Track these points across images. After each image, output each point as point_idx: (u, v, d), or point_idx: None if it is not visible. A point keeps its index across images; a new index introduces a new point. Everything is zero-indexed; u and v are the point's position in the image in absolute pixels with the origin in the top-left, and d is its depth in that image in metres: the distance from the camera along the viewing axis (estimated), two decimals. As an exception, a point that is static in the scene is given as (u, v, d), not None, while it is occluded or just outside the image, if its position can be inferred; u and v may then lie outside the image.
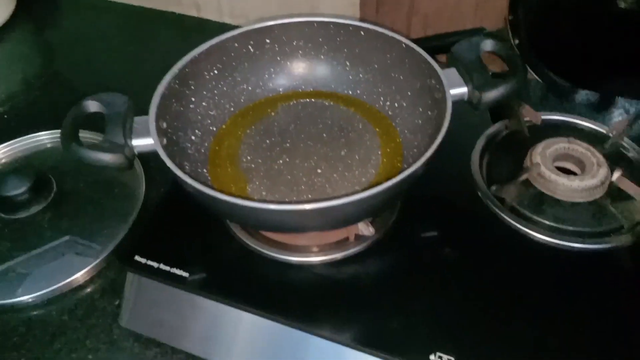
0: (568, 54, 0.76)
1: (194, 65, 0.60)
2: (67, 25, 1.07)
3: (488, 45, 0.58)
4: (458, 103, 0.55)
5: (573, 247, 0.57)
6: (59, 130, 0.75)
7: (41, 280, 0.63)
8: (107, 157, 0.50)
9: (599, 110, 0.71)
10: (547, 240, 0.58)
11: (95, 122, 0.55)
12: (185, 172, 0.49)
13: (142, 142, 0.52)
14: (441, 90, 0.55)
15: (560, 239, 0.57)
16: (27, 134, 0.78)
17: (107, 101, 0.54)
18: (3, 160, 0.76)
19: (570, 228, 0.59)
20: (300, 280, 0.57)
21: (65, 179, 0.72)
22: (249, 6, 0.96)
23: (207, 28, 1.01)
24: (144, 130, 0.53)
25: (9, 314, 0.62)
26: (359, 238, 0.57)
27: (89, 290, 0.64)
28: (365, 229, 0.55)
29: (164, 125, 0.55)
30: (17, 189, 0.67)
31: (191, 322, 0.57)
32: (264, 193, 0.58)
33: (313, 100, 0.67)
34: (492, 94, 0.54)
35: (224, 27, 0.99)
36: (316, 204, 0.45)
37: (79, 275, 0.63)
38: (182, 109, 0.60)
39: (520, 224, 0.59)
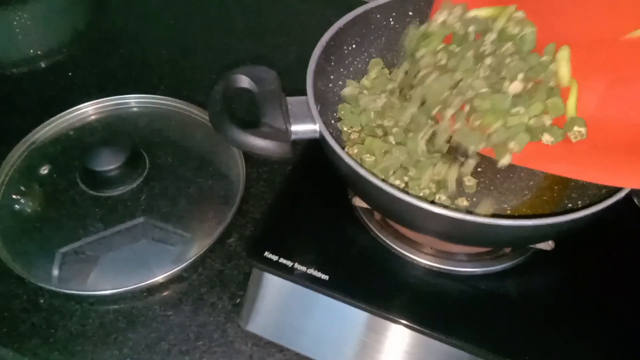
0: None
1: (337, 38, 0.53)
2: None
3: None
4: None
5: None
6: (144, 95, 0.69)
7: (130, 269, 0.56)
8: (272, 146, 0.42)
9: None
10: None
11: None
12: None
13: (303, 128, 0.45)
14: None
15: None
16: (100, 95, 0.69)
17: (256, 76, 0.46)
18: (90, 119, 0.67)
19: None
20: (445, 289, 0.51)
21: (156, 153, 0.64)
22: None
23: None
24: (302, 114, 0.45)
25: (104, 305, 0.55)
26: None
27: (193, 282, 0.57)
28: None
29: (319, 107, 0.48)
30: (112, 164, 0.58)
31: (323, 327, 0.52)
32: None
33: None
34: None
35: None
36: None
37: (182, 266, 0.56)
38: (323, 88, 0.53)
39: None
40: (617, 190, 0.42)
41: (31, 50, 0.81)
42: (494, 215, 0.44)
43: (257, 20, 0.83)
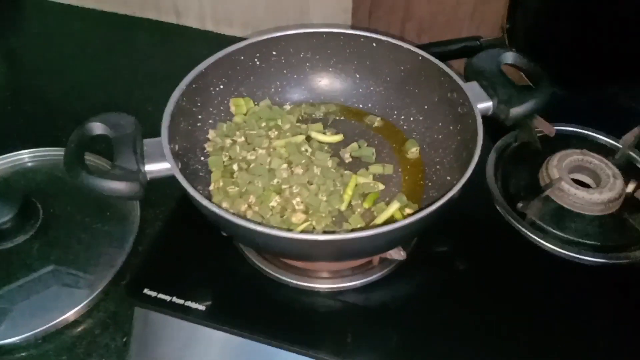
0: (567, 61, 0.76)
1: (200, 80, 0.56)
2: (32, 30, 0.99)
3: (509, 57, 0.57)
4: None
5: (595, 262, 0.56)
6: (40, 149, 0.71)
7: (29, 317, 0.57)
8: (121, 186, 0.45)
9: (606, 120, 0.71)
10: (568, 255, 0.57)
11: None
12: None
13: (157, 167, 0.48)
14: (466, 105, 0.54)
15: (580, 253, 0.57)
16: (3, 152, 0.71)
17: (112, 122, 0.49)
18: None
19: (591, 242, 0.58)
20: (319, 307, 0.54)
21: (52, 202, 0.66)
22: (233, 10, 0.91)
23: (188, 34, 0.95)
24: (157, 154, 0.48)
25: (3, 356, 0.56)
26: (382, 262, 0.55)
27: (87, 325, 0.58)
28: (396, 253, 0.52)
29: (176, 147, 0.51)
30: (2, 217, 0.60)
31: (207, 357, 0.54)
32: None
33: (322, 114, 0.64)
34: (520, 109, 0.53)
35: (206, 35, 0.95)
36: (352, 234, 0.43)
37: (75, 310, 0.57)
38: (190, 127, 0.56)
39: (542, 239, 0.58)
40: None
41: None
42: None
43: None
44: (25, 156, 0.70)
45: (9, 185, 0.68)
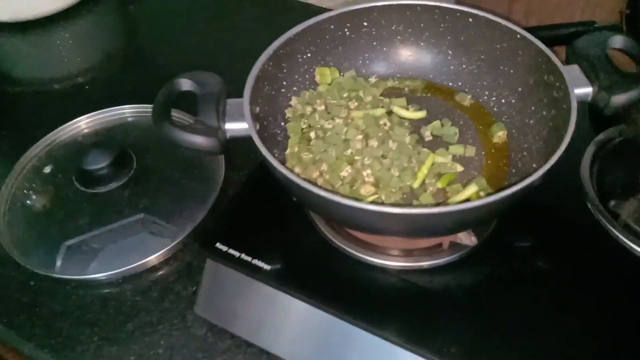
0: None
1: (288, 47, 0.57)
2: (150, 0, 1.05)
3: (617, 41, 0.52)
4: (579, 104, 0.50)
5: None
6: (142, 105, 0.76)
7: (115, 258, 0.62)
8: (200, 140, 0.47)
9: None
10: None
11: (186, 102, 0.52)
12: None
13: (236, 126, 0.49)
14: (562, 89, 0.50)
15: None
16: (109, 106, 0.76)
17: (200, 80, 0.51)
18: (85, 131, 0.75)
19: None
20: (383, 284, 0.53)
21: (146, 156, 0.70)
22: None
23: (292, 8, 0.97)
24: (237, 114, 0.50)
25: (83, 289, 0.61)
26: (453, 246, 0.53)
27: (164, 272, 0.62)
28: (466, 237, 0.50)
29: (257, 109, 0.52)
30: (99, 164, 0.66)
31: (268, 316, 0.55)
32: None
33: (407, 90, 0.62)
34: (622, 97, 0.48)
35: (308, 8, 0.96)
36: (418, 209, 0.41)
37: (155, 257, 0.62)
38: (273, 92, 0.57)
39: (634, 243, 0.53)
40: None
41: (66, 69, 0.91)
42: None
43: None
44: (126, 111, 0.76)
45: (110, 136, 0.73)
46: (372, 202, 0.49)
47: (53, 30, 0.97)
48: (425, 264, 0.52)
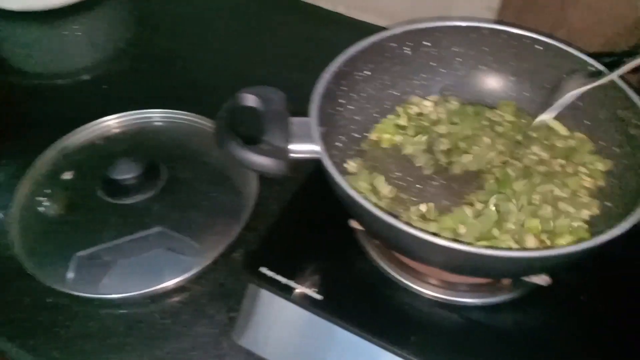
0: None
1: (349, 64, 0.53)
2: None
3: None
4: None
5: None
6: (171, 111, 0.71)
7: (140, 275, 0.57)
8: (269, 162, 0.43)
9: None
10: None
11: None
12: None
13: (303, 148, 0.46)
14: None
15: None
16: (132, 107, 0.71)
17: (265, 96, 0.47)
18: (110, 134, 0.70)
19: None
20: (438, 318, 0.50)
21: (175, 166, 0.65)
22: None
23: (318, 15, 0.93)
24: (304, 134, 0.46)
25: (108, 309, 0.56)
26: (516, 281, 0.50)
27: (194, 293, 0.58)
28: (537, 277, 0.47)
29: (323, 130, 0.48)
30: (129, 173, 0.61)
31: (312, 348, 0.51)
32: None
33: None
34: None
35: (338, 18, 0.92)
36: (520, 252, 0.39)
37: (185, 276, 0.57)
38: (332, 111, 0.53)
39: None
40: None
41: (76, 63, 0.86)
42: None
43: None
44: (155, 115, 0.71)
45: (138, 142, 0.68)
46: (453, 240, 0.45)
47: (70, 21, 0.91)
48: (480, 300, 0.50)
